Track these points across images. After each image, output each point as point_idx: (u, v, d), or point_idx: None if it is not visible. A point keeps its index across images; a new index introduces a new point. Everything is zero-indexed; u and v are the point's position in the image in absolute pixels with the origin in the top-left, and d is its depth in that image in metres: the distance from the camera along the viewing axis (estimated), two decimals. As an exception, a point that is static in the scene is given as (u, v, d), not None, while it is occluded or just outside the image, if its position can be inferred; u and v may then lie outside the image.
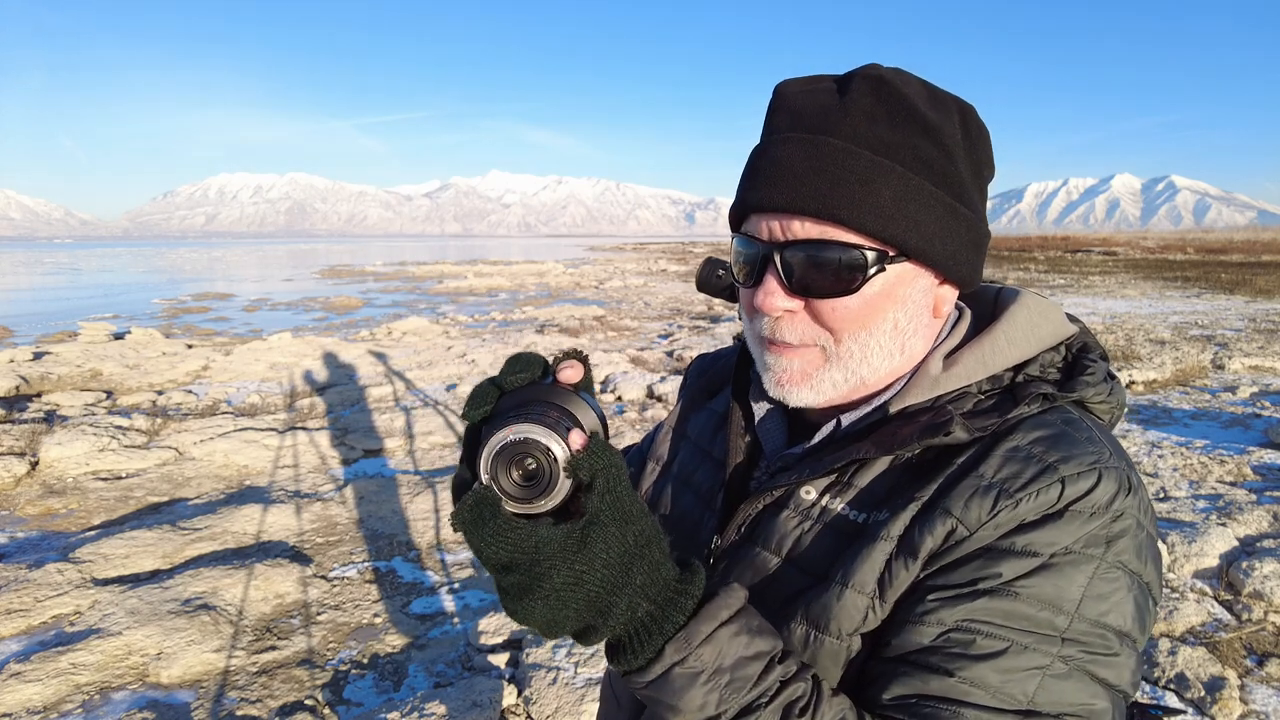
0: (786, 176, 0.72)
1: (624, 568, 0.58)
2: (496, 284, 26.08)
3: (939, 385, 0.77)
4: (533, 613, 0.58)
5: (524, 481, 0.58)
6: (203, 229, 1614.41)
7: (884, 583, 0.70)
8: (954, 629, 0.65)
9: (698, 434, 0.98)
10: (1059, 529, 0.66)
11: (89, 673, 3.21)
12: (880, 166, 0.71)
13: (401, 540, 4.67)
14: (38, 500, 5.30)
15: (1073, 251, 41.74)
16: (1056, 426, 0.72)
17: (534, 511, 0.58)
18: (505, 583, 0.58)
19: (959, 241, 0.76)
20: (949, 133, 0.74)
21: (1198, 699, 2.92)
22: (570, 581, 0.57)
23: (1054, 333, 0.80)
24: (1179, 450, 5.94)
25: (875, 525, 0.72)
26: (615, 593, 0.58)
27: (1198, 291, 19.26)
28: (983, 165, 0.79)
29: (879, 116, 0.72)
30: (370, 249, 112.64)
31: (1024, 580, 0.65)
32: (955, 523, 0.68)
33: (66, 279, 35.57)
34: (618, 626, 0.60)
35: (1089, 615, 0.65)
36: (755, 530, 0.81)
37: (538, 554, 0.56)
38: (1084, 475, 0.67)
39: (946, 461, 0.72)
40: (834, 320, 0.75)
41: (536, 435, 0.57)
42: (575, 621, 0.59)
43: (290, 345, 10.76)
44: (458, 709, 2.91)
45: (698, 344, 11.49)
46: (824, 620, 0.71)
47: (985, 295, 0.88)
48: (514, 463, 0.57)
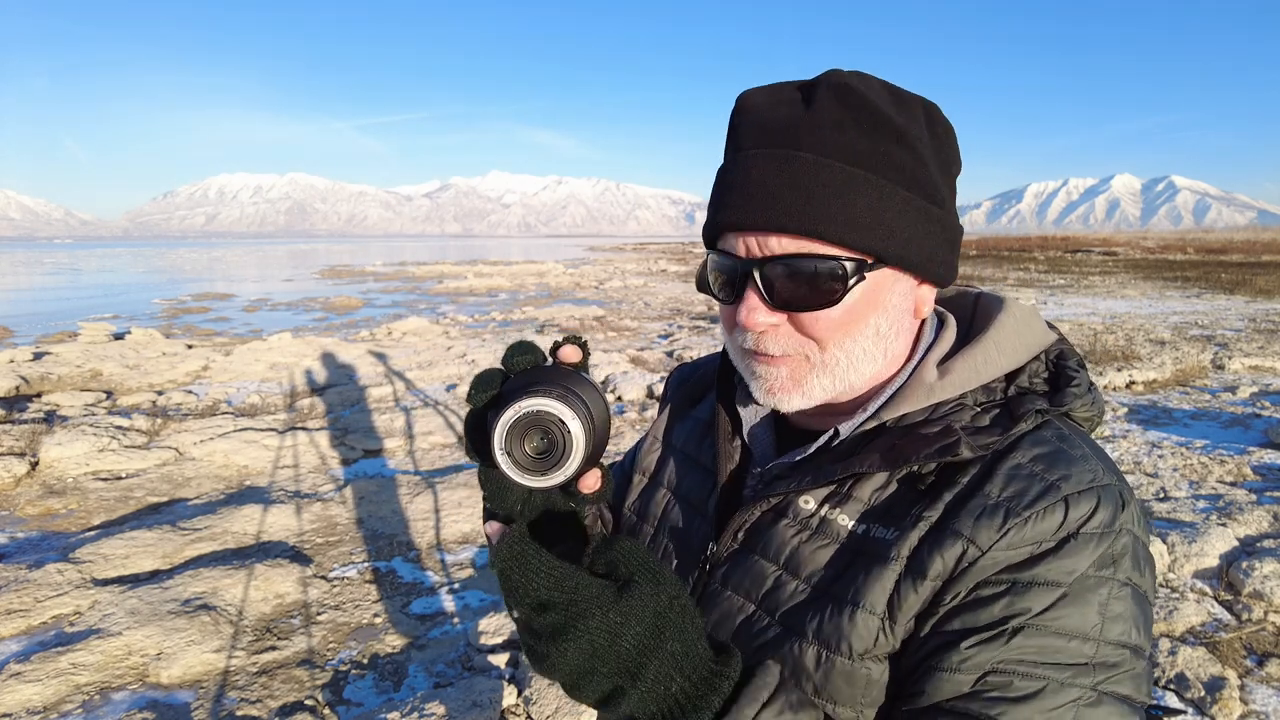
0: (760, 194, 0.72)
1: (657, 630, 0.56)
2: (496, 284, 26.08)
3: (934, 394, 0.78)
4: (564, 657, 0.55)
5: (538, 454, 0.58)
6: (203, 229, 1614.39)
7: (893, 604, 0.70)
8: (990, 672, 0.65)
9: (683, 443, 0.98)
10: (1074, 555, 0.67)
11: (89, 673, 3.21)
12: (853, 177, 0.72)
13: (401, 540, 4.67)
14: (38, 500, 5.30)
15: (1073, 252, 41.75)
16: (1052, 444, 0.73)
17: (546, 484, 0.58)
18: (540, 623, 0.55)
19: (935, 242, 0.77)
20: (916, 134, 0.74)
21: (1198, 699, 2.92)
22: (605, 630, 0.55)
23: (1038, 341, 0.82)
24: (1179, 450, 5.93)
25: (881, 543, 0.72)
26: (647, 654, 0.56)
27: (1198, 292, 19.27)
28: (951, 162, 0.79)
29: (847, 124, 0.72)
30: (370, 249, 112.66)
31: (1050, 613, 0.66)
32: (966, 544, 0.68)
33: (66, 279, 35.58)
34: (650, 699, 0.57)
35: (1110, 638, 0.66)
36: (752, 538, 0.81)
37: (575, 595, 0.55)
38: (1085, 495, 0.69)
39: (949, 479, 0.73)
40: (817, 331, 0.75)
41: (549, 407, 0.57)
42: (605, 679, 0.56)
43: (290, 345, 10.76)
44: (458, 709, 2.91)
45: (698, 344, 11.49)
46: (835, 641, 0.71)
47: (964, 300, 0.89)
48: (526, 436, 0.58)
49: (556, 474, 0.58)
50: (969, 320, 0.85)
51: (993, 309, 0.84)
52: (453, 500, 5.11)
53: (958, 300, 0.89)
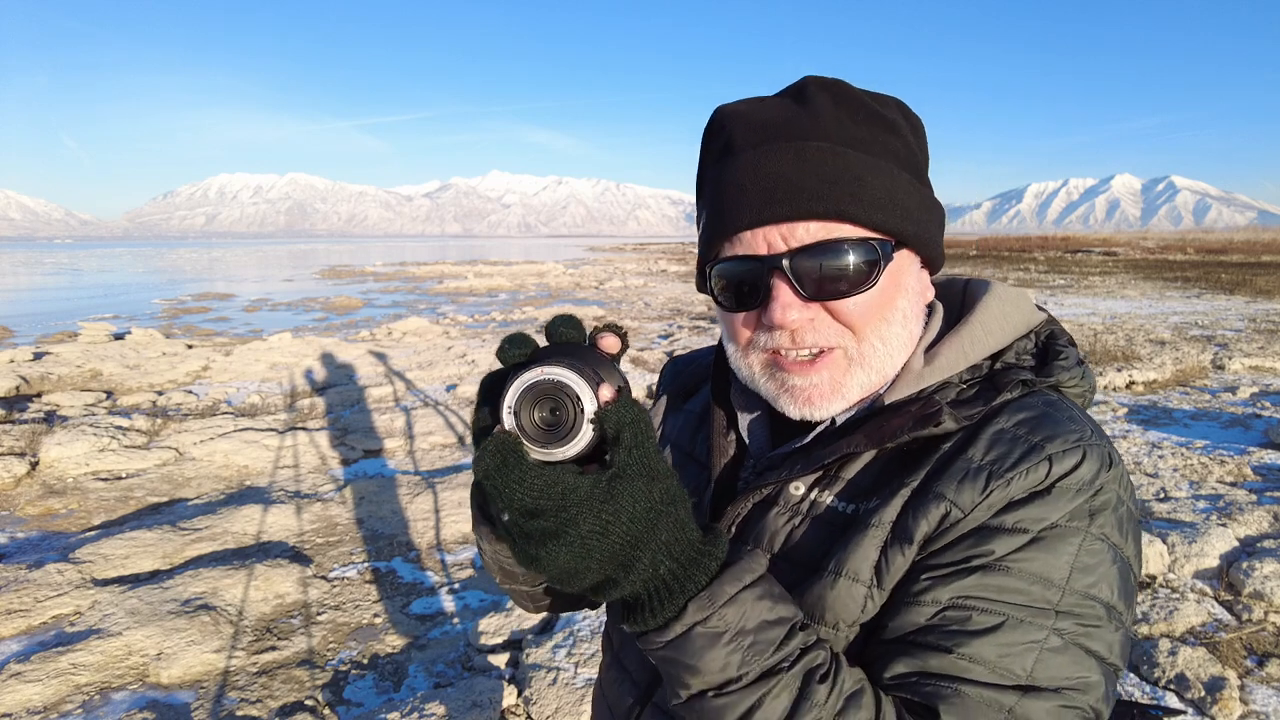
0: (780, 185, 0.72)
1: (649, 523, 0.57)
2: (497, 284, 26.08)
3: (923, 379, 0.79)
4: (555, 559, 0.56)
5: (545, 425, 0.57)
6: (203, 229, 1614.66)
7: (880, 570, 0.70)
8: (949, 606, 0.66)
9: (676, 436, 0.99)
10: (1047, 505, 0.67)
11: (89, 673, 3.21)
12: (864, 161, 0.73)
13: (401, 540, 4.67)
14: (38, 500, 5.30)
15: (1073, 252, 41.74)
16: (1038, 409, 0.74)
17: (550, 458, 0.57)
18: (529, 527, 0.56)
19: (933, 224, 0.80)
20: (900, 125, 0.77)
21: (1198, 699, 2.92)
22: (596, 530, 0.55)
23: (1025, 321, 0.83)
24: (1179, 450, 5.93)
25: (865, 514, 0.73)
26: (639, 546, 0.57)
27: (1198, 292, 19.26)
28: (928, 153, 0.83)
29: (845, 118, 0.74)
30: (370, 249, 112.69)
31: (1015, 555, 0.66)
32: (949, 505, 0.69)
33: (67, 279, 35.57)
34: (638, 582, 0.59)
35: (1078, 588, 0.65)
36: (745, 529, 0.81)
37: (564, 500, 0.55)
38: (1069, 453, 0.69)
39: (933, 449, 0.73)
40: (854, 318, 0.75)
41: (567, 380, 0.56)
42: (597, 573, 0.57)
43: (290, 345, 10.76)
44: (458, 709, 2.91)
45: (698, 344, 11.49)
46: (819, 610, 0.72)
47: (953, 288, 0.90)
48: (539, 403, 0.57)
49: (562, 448, 0.57)
50: (959, 306, 0.86)
51: (979, 293, 0.85)
52: (453, 500, 5.11)
53: (947, 288, 0.90)
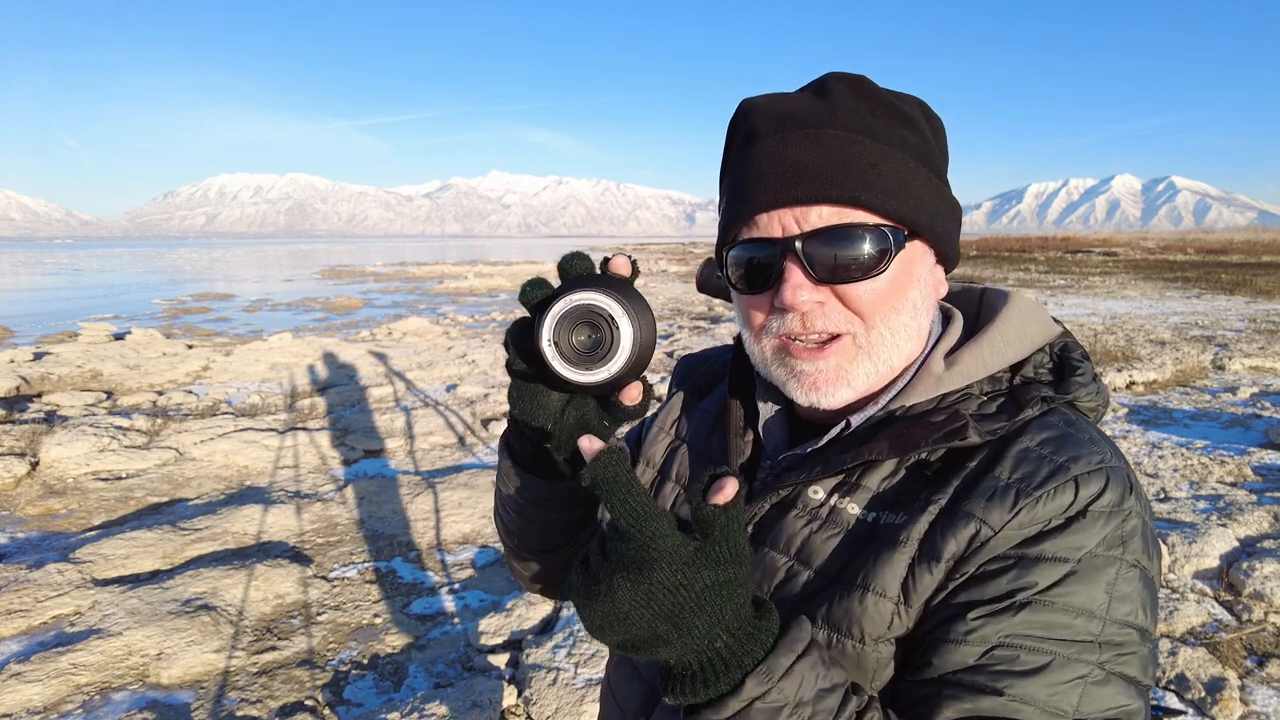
0: (797, 169, 0.74)
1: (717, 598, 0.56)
2: (497, 284, 26.08)
3: (942, 384, 0.79)
4: (617, 593, 0.54)
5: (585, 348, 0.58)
6: (203, 229, 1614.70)
7: (908, 587, 0.70)
8: (997, 646, 0.66)
9: (691, 434, 0.98)
10: (1082, 533, 0.68)
11: (89, 673, 3.21)
12: (881, 151, 0.75)
13: (402, 540, 4.67)
14: (38, 500, 5.30)
15: (1073, 252, 41.74)
16: (1060, 428, 0.74)
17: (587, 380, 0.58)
18: (612, 547, 0.55)
19: (949, 220, 0.81)
20: (919, 121, 0.79)
21: (1198, 699, 2.92)
22: (666, 585, 0.54)
23: (1043, 333, 0.83)
24: (1179, 451, 5.93)
25: (891, 528, 0.73)
26: (699, 614, 0.55)
27: (1198, 292, 19.26)
28: (946, 152, 0.83)
29: (863, 110, 0.76)
30: (370, 249, 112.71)
31: (1058, 589, 0.66)
32: (979, 524, 0.69)
33: (67, 279, 35.58)
34: (690, 651, 0.57)
35: (1117, 617, 0.66)
36: (762, 530, 0.81)
37: (651, 540, 0.54)
38: (1094, 475, 0.70)
39: (958, 465, 0.74)
40: (863, 304, 0.76)
41: (598, 303, 0.57)
42: (648, 625, 0.55)
43: (290, 345, 10.76)
44: (458, 709, 2.91)
45: (698, 344, 11.48)
46: (845, 624, 0.72)
47: (970, 295, 0.90)
48: (576, 328, 0.58)
49: (601, 370, 0.58)
50: (975, 314, 0.87)
51: (998, 303, 0.86)
52: (453, 500, 5.11)
53: (964, 296, 0.91)
